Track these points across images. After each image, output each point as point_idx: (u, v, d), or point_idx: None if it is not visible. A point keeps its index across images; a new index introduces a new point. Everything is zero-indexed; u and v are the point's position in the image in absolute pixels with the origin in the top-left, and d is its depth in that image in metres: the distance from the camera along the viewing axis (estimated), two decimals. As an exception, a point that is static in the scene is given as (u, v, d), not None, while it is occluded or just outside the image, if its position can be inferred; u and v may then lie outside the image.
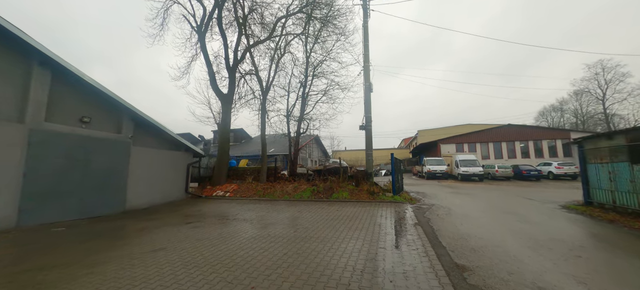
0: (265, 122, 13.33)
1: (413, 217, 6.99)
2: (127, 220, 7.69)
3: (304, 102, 13.61)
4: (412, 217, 7.00)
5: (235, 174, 14.15)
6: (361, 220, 6.76)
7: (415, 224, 6.22)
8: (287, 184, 12.38)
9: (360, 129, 12.14)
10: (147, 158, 10.27)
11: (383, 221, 6.58)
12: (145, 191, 10.07)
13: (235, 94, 14.63)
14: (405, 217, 7.01)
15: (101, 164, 8.66)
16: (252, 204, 9.94)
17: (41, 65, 7.33)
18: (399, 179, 11.71)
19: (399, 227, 5.97)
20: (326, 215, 7.55)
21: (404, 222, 6.48)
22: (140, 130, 10.11)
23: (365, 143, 11.96)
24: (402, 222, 6.41)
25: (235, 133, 32.74)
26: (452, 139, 31.14)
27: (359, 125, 12.11)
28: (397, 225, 6.09)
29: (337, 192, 10.59)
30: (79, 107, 8.25)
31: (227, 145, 14.07)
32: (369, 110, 12.01)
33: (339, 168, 12.38)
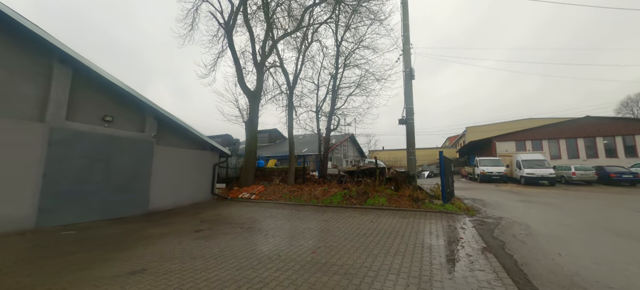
0: (292, 119, 12.30)
1: (477, 238, 5.12)
2: (142, 223, 7.18)
3: (335, 96, 12.24)
4: (475, 237, 5.14)
5: (263, 175, 13.40)
6: (403, 238, 5.14)
7: (484, 249, 4.40)
8: (316, 186, 11.13)
9: (399, 124, 10.34)
10: (170, 158, 9.92)
11: (434, 241, 4.87)
12: (169, 192, 9.71)
13: (262, 90, 13.90)
14: (466, 237, 5.18)
15: (124, 163, 8.41)
16: (275, 209, 8.88)
17: (62, 63, 7.19)
18: (450, 182, 9.63)
19: (460, 253, 4.23)
20: (357, 227, 6.07)
21: (464, 244, 4.69)
22: (164, 129, 9.80)
23: (406, 140, 10.12)
24: (462, 245, 4.63)
25: (270, 133, 32.77)
26: (510, 136, 26.77)
27: (398, 119, 10.32)
28: (456, 250, 4.35)
29: (373, 198, 8.99)
30: (101, 106, 8.07)
31: (255, 144, 13.38)
32: (410, 100, 10.14)
33: (374, 169, 10.72)
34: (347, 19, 12.53)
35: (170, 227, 6.67)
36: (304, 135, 33.94)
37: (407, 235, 5.30)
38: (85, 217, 7.34)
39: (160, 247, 4.74)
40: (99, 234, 5.97)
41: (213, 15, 13.48)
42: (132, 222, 7.40)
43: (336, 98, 12.33)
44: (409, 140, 10.02)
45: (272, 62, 13.63)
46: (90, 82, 7.79)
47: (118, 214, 8.04)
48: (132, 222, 7.31)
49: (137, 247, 4.77)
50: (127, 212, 8.28)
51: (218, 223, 6.99)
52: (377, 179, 9.86)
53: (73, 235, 5.83)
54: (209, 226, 6.60)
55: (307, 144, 29.10)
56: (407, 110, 10.11)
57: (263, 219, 7.38)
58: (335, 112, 12.27)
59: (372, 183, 9.89)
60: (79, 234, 5.90)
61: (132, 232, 6.14)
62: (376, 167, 10.56)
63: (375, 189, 9.61)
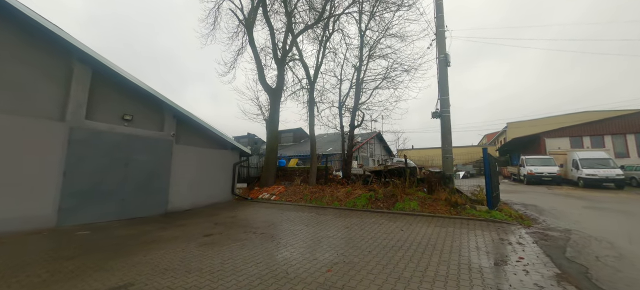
0: (313, 115, 11.60)
1: (544, 259, 3.92)
2: (157, 224, 6.94)
3: (359, 90, 11.27)
4: (541, 258, 3.95)
5: (284, 175, 12.89)
6: (442, 254, 4.13)
7: (559, 277, 3.25)
8: (339, 187, 10.30)
9: (433, 117, 9.11)
10: (190, 157, 9.76)
11: (484, 262, 3.80)
12: (188, 192, 9.54)
13: (283, 87, 13.39)
14: (527, 256, 4.01)
15: (142, 163, 8.33)
16: (294, 212, 8.22)
17: (81, 63, 7.21)
18: (495, 184, 8.21)
19: (525, 281, 3.15)
20: (384, 238, 5.14)
21: (528, 267, 3.57)
22: (183, 128, 9.65)
23: (441, 135, 8.87)
24: (525, 269, 3.52)
25: (295, 133, 32.57)
26: (563, 131, 23.47)
27: (431, 113, 9.11)
28: (519, 278, 3.27)
29: (402, 201, 7.93)
30: (120, 105, 8.04)
31: (276, 143, 12.91)
32: (446, 90, 8.87)
33: (404, 169, 9.61)
34: (372, 6, 11.51)
35: (182, 229, 6.30)
36: (328, 134, 33.20)
37: (446, 251, 4.27)
38: (105, 217, 7.30)
39: (161, 255, 4.27)
40: (110, 235, 5.75)
41: (233, 13, 13.28)
42: (148, 222, 7.21)
43: (360, 92, 11.37)
44: (444, 136, 8.77)
45: (291, 56, 13.05)
46: (109, 81, 7.77)
47: (137, 214, 7.96)
48: (148, 223, 7.10)
49: (137, 254, 4.35)
50: (146, 212, 8.17)
51: (231, 227, 6.49)
52: (407, 180, 8.76)
53: (85, 236, 5.66)
54: (221, 230, 6.10)
55: (331, 142, 28.31)
56: (442, 102, 8.86)
57: (279, 223, 6.74)
58: (360, 107, 11.30)
59: (402, 184, 8.81)
60: (92, 235, 5.72)
61: (142, 234, 5.84)
62: (406, 167, 9.45)
63: (405, 192, 8.53)
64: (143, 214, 8.11)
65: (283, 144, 32.50)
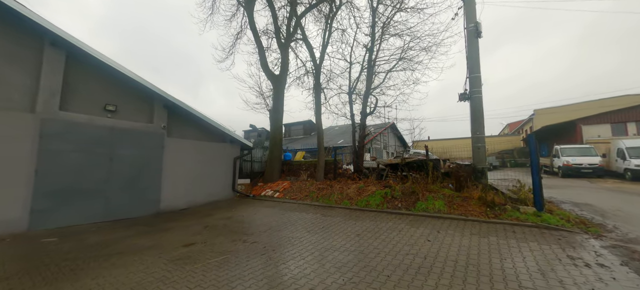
0: (320, 103, 10.37)
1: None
2: (141, 228, 6.07)
3: (371, 73, 9.89)
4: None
5: (290, 169, 11.84)
6: (493, 283, 2.89)
7: None
8: (350, 183, 9.12)
9: (460, 100, 7.69)
10: (185, 151, 8.86)
11: (564, 300, 2.53)
12: (183, 190, 8.68)
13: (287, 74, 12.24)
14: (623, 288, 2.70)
15: (129, 158, 7.49)
16: (297, 212, 7.15)
17: (53, 47, 6.36)
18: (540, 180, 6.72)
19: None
20: (406, 252, 3.95)
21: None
22: (176, 119, 8.74)
23: (470, 120, 7.46)
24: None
25: (304, 125, 31.48)
26: (603, 117, 20.94)
27: (458, 95, 7.68)
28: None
29: (425, 200, 6.66)
30: (101, 94, 7.18)
31: (280, 134, 11.85)
32: (477, 66, 7.40)
33: (425, 161, 8.28)
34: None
35: (163, 235, 5.37)
36: (338, 126, 31.87)
37: (498, 277, 3.03)
38: (84, 219, 6.52)
39: (114, 276, 3.30)
40: (78, 244, 4.88)
41: (232, -7, 12.15)
42: (133, 225, 6.37)
43: (373, 75, 9.99)
44: (475, 121, 7.34)
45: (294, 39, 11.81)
46: (87, 67, 6.91)
47: (123, 215, 7.16)
48: (132, 226, 6.26)
49: (88, 273, 3.40)
50: (133, 213, 7.36)
51: (221, 232, 5.49)
52: (429, 174, 7.44)
53: (48, 245, 4.82)
54: (206, 237, 5.11)
55: (342, 134, 27.00)
56: (472, 81, 7.40)
57: (277, 228, 5.68)
58: (372, 91, 9.95)
59: (423, 180, 7.50)
60: (57, 244, 4.88)
61: (115, 242, 4.94)
62: (427, 159, 8.10)
63: (427, 188, 7.23)
64: (130, 214, 7.30)
65: (292, 137, 31.54)
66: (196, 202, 9.00)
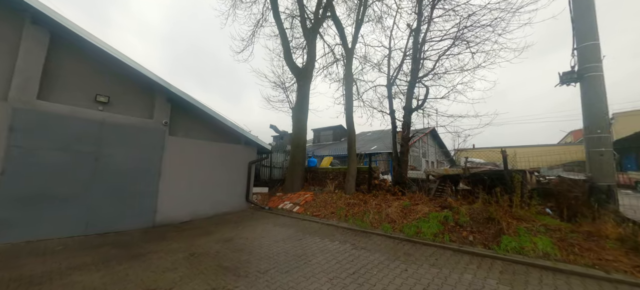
0: (351, 96, 8.34)
1: None
2: (114, 250, 4.65)
3: (418, 55, 7.67)
4: None
5: (314, 178, 10.00)
6: None
7: None
8: (390, 198, 6.98)
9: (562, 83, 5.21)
10: (189, 152, 7.52)
11: None
12: (185, 198, 7.30)
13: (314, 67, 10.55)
14: None
15: (121, 158, 6.28)
16: (318, 238, 5.23)
17: (34, 24, 5.38)
18: None
19: None
20: None
21: None
22: (180, 115, 7.46)
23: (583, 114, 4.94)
24: None
25: (334, 130, 29.64)
26: None
27: (560, 75, 5.20)
28: None
29: (513, 234, 4.30)
30: (92, 83, 6.09)
31: (304, 137, 10.12)
32: (593, 30, 4.89)
33: (500, 173, 5.86)
34: None
35: (127, 267, 3.82)
36: (371, 131, 29.40)
37: None
38: (59, 231, 5.33)
39: None
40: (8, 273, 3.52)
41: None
42: (102, 245, 5.00)
43: (420, 60, 7.79)
44: (592, 114, 4.80)
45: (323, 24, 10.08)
46: (75, 51, 5.86)
47: (109, 227, 5.90)
48: (99, 248, 4.86)
49: None
50: (122, 225, 6.08)
51: (205, 268, 3.79)
52: (517, 193, 5.01)
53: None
54: (179, 277, 3.43)
55: (375, 140, 24.58)
56: (585, 52, 4.90)
57: (286, 267, 3.81)
58: (421, 80, 7.69)
59: (501, 200, 5.11)
60: None
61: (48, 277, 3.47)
62: (505, 171, 5.66)
63: (510, 213, 4.84)
64: (117, 226, 6.02)
65: (322, 143, 29.83)
66: (201, 213, 7.56)
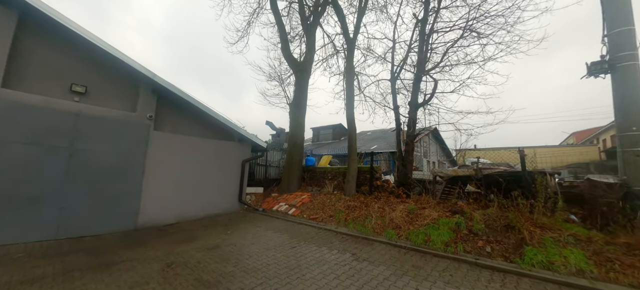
0: (352, 90, 7.75)
1: None
2: (83, 257, 4.11)
3: (424, 49, 7.12)
4: None
5: (312, 177, 9.44)
6: None
7: None
8: (394, 201, 6.43)
9: (590, 75, 4.67)
10: (177, 149, 6.96)
11: None
12: (172, 199, 6.74)
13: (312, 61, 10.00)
14: None
15: (100, 155, 5.72)
16: (314, 246, 4.69)
17: (1, 5, 4.83)
18: None
19: None
20: None
21: None
22: (167, 108, 6.90)
23: (614, 108, 4.39)
24: None
25: (334, 129, 29.10)
26: None
27: (587, 65, 4.64)
28: None
29: (537, 244, 3.76)
30: (67, 71, 5.52)
31: (301, 134, 9.57)
32: (627, 13, 4.33)
33: (518, 174, 5.32)
34: None
35: (89, 280, 3.26)
36: (371, 131, 28.83)
37: None
38: (26, 235, 4.77)
39: None
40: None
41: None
42: (69, 253, 4.45)
43: (428, 52, 7.24)
44: (625, 109, 4.25)
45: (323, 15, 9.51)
46: (49, 35, 5.30)
47: (84, 231, 5.35)
48: (64, 256, 4.31)
49: None
50: (99, 228, 5.53)
51: (180, 284, 3.24)
52: (540, 197, 4.46)
53: None
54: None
55: (375, 139, 24.04)
56: (617, 39, 4.35)
57: (276, 282, 3.26)
58: (430, 73, 7.13)
59: (524, 205, 4.57)
60: None
61: None
62: (525, 171, 5.10)
63: (531, 220, 4.30)
64: (95, 229, 5.47)
65: (321, 142, 29.27)
66: (188, 215, 7.01)
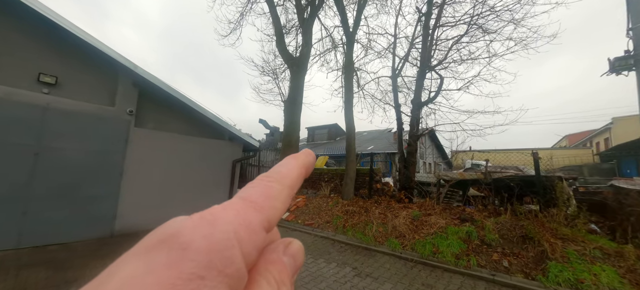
0: (351, 87, 7.24)
1: None
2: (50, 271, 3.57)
3: (428, 43, 6.70)
4: None
5: (307, 179, 8.96)
6: None
7: None
8: (395, 206, 6.00)
9: (612, 71, 4.25)
10: (160, 148, 6.40)
11: None
12: (154, 202, 6.18)
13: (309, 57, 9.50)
14: None
15: (72, 154, 5.13)
16: (310, 259, 4.21)
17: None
18: None
19: None
20: None
21: None
22: (151, 103, 6.33)
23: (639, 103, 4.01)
24: None
25: (330, 129, 28.65)
26: None
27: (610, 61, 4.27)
28: None
29: (560, 258, 3.35)
30: (35, 59, 4.92)
31: (296, 133, 9.05)
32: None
33: (530, 179, 4.94)
34: None
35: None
36: (367, 131, 28.47)
37: None
38: (-19, 245, 4.18)
39: None
40: None
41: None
42: (40, 263, 3.90)
43: (432, 46, 6.82)
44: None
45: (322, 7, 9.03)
46: (11, 18, 4.70)
47: (52, 238, 4.77)
48: (31, 265, 3.77)
49: None
50: (70, 235, 4.95)
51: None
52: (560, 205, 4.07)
53: None
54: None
55: (372, 140, 23.69)
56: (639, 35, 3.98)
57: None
58: (435, 69, 6.69)
59: (542, 213, 4.17)
60: None
61: None
62: (538, 176, 4.71)
63: (551, 231, 3.89)
64: (65, 237, 4.90)
65: (316, 142, 28.80)
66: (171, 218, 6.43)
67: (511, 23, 6.12)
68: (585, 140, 34.94)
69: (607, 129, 28.27)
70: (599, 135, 30.76)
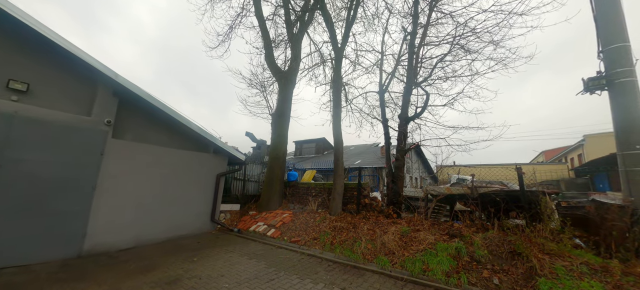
0: (340, 102, 7.24)
1: None
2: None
3: (413, 61, 6.91)
4: None
5: (294, 193, 8.74)
6: None
7: None
8: (384, 222, 5.91)
9: (586, 91, 4.52)
10: (140, 161, 6.07)
11: None
12: (130, 218, 5.78)
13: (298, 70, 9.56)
14: None
15: (39, 166, 4.75)
16: (296, 279, 3.99)
17: None
18: None
19: None
20: None
21: None
22: (131, 114, 6.05)
23: (614, 125, 4.20)
24: None
25: (317, 144, 28.60)
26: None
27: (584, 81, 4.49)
28: None
29: (548, 274, 3.34)
30: (5, 63, 4.62)
31: (283, 147, 8.94)
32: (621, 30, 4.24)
33: (516, 194, 5.02)
34: None
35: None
36: (354, 145, 28.68)
37: None
38: None
39: None
40: None
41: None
42: None
43: (418, 64, 7.02)
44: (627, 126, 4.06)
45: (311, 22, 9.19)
46: (-20, 19, 4.42)
47: (11, 260, 4.31)
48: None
49: None
50: (33, 256, 4.50)
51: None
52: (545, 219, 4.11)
53: None
54: None
55: (359, 155, 23.82)
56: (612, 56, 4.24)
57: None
58: (421, 85, 6.86)
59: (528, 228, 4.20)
60: None
61: None
62: (523, 190, 4.78)
63: (538, 246, 3.91)
64: (26, 258, 4.44)
65: (304, 156, 28.60)
66: (149, 237, 6.04)
67: (491, 44, 6.45)
68: (560, 155, 36.74)
69: (580, 145, 29.91)
70: (573, 152, 32.46)
